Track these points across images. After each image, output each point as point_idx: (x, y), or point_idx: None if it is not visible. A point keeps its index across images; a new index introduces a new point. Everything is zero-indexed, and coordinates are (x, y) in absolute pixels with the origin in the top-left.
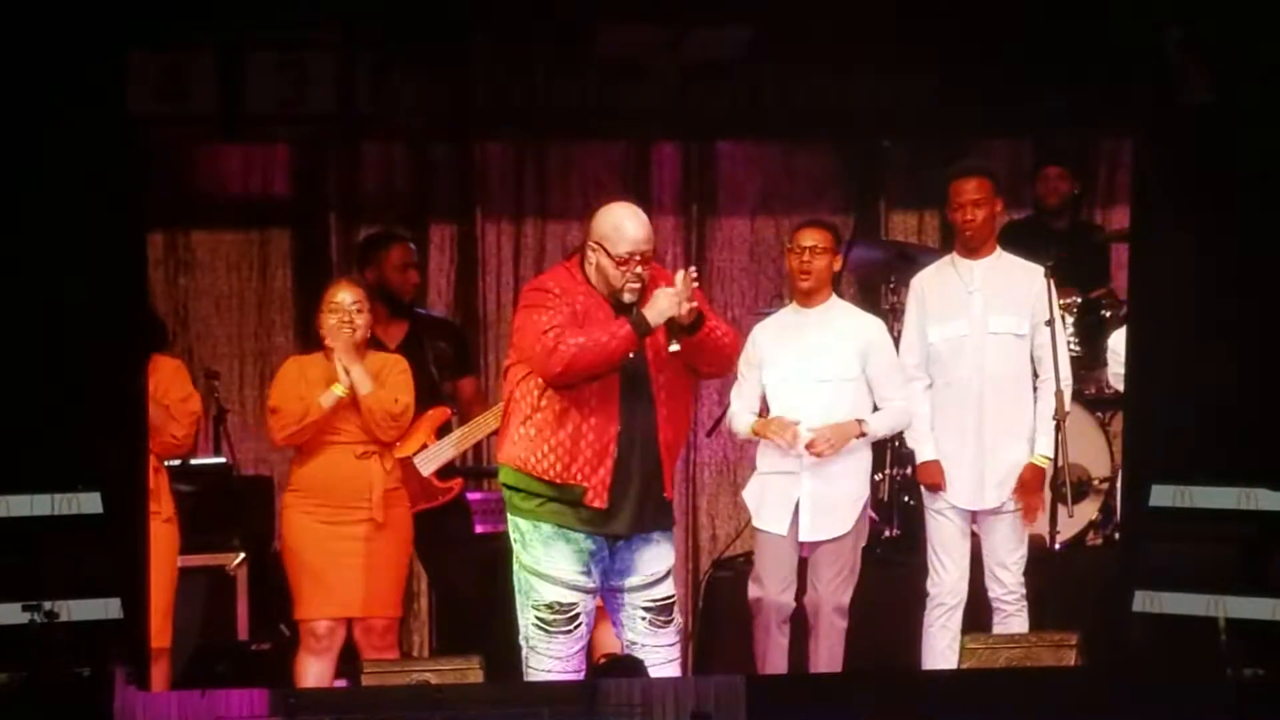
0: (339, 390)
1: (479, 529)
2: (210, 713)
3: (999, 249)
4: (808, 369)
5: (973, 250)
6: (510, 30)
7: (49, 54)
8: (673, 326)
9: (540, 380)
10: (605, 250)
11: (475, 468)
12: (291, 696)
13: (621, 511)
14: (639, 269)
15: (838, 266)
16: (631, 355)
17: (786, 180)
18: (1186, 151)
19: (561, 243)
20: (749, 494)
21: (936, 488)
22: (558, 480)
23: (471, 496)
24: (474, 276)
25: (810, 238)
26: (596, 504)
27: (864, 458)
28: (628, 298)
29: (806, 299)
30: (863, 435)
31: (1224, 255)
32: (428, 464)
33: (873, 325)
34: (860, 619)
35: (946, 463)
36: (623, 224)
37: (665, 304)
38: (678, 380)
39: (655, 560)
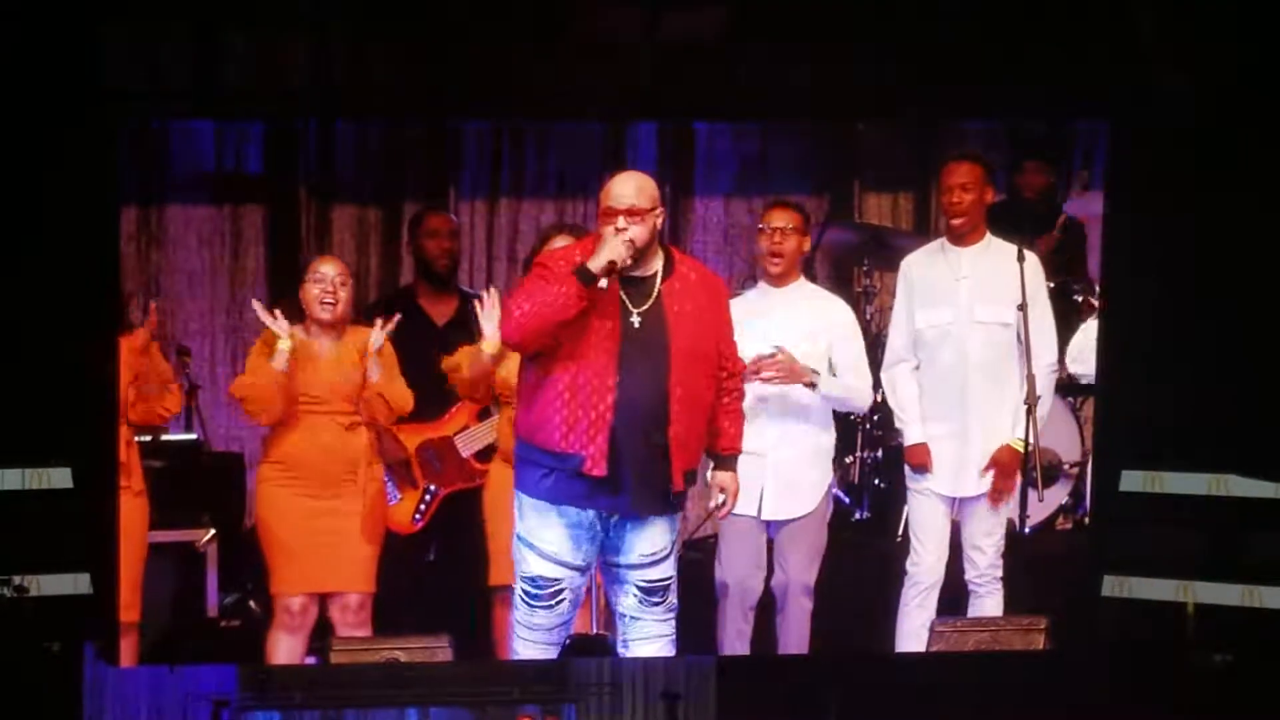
0: (284, 345)
1: None
2: (179, 689)
3: (989, 236)
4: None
5: (961, 236)
6: (486, 9)
7: (22, 28)
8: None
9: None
10: (601, 212)
11: None
12: (261, 673)
13: (622, 482)
14: (621, 222)
15: (806, 248)
16: (584, 309)
17: (761, 162)
18: (1161, 139)
19: (536, 223)
20: (711, 474)
21: (924, 469)
22: (557, 450)
23: None
24: None
25: (781, 218)
26: (596, 472)
27: (828, 437)
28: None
29: (776, 280)
30: (811, 385)
31: (1198, 242)
32: (468, 445)
33: (840, 309)
34: (830, 602)
35: (930, 447)
36: (613, 183)
37: (610, 248)
38: (699, 391)
39: (653, 539)
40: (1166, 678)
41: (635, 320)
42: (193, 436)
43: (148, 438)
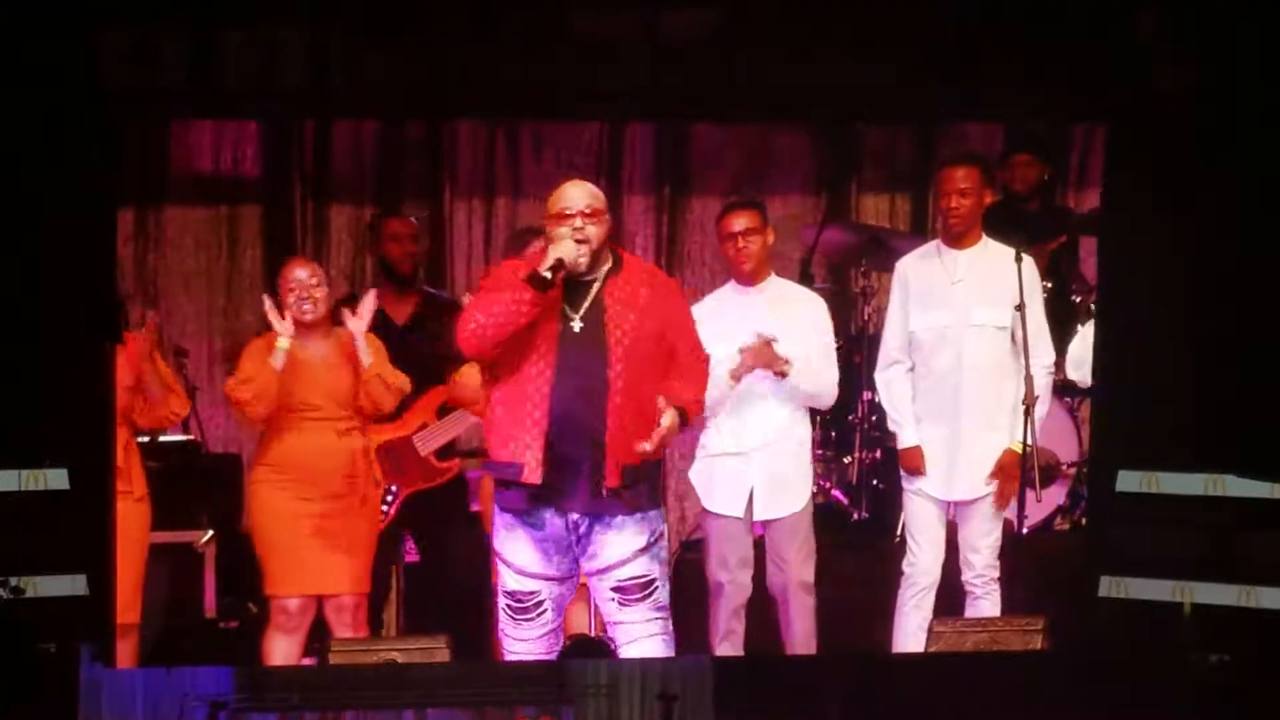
0: (283, 344)
1: (474, 507)
2: (176, 690)
3: (985, 238)
4: None
5: (958, 239)
6: (483, 8)
7: (19, 27)
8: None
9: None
10: (550, 220)
11: (477, 449)
12: (259, 674)
13: (562, 490)
14: (579, 222)
15: (772, 240)
16: (534, 318)
17: (758, 162)
18: (1158, 139)
19: (532, 224)
20: (696, 476)
21: (917, 472)
22: (502, 460)
23: (472, 475)
24: (444, 257)
25: (740, 221)
26: (533, 480)
27: (807, 434)
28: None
29: (748, 279)
30: (782, 375)
31: (1194, 243)
32: (427, 444)
33: (815, 302)
34: (828, 602)
35: (923, 450)
36: (561, 190)
37: (559, 247)
38: (644, 386)
39: (618, 544)
40: (1163, 678)
41: (576, 325)
42: (190, 438)
43: (145, 439)
